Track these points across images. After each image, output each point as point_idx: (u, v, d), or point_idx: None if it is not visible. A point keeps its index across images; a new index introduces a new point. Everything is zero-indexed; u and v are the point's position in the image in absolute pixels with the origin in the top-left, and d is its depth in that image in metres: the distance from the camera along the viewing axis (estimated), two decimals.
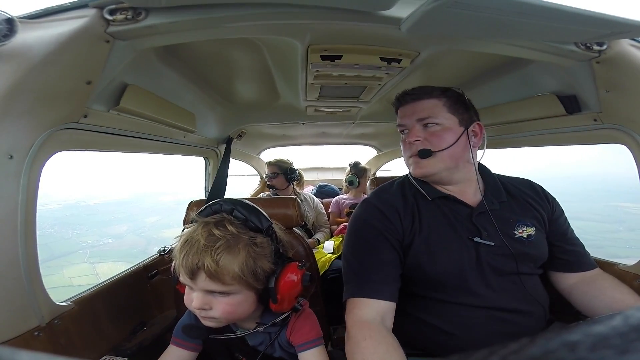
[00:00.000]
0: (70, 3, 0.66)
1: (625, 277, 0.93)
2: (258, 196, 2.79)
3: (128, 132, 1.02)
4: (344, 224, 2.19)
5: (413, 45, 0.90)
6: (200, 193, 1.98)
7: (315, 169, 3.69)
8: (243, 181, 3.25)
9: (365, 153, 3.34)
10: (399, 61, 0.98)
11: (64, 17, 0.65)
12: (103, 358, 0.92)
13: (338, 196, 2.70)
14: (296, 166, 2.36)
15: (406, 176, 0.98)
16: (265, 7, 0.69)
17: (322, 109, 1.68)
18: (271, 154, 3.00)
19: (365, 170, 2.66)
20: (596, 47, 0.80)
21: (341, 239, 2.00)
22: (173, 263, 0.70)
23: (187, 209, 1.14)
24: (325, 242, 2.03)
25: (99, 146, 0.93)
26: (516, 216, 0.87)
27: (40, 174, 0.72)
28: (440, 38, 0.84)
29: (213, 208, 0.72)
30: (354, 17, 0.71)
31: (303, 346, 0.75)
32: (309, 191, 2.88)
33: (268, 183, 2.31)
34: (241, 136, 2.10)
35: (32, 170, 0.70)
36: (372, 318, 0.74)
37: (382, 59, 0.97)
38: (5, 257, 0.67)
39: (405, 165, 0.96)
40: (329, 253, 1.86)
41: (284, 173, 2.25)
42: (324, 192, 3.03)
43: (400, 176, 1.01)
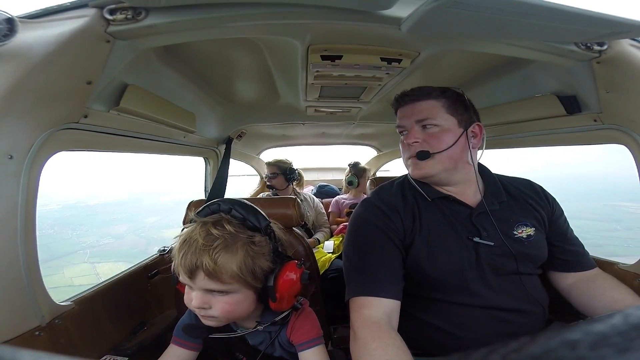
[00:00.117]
0: (70, 3, 0.66)
1: (625, 277, 0.93)
2: (258, 196, 2.79)
3: (128, 132, 1.02)
4: (344, 224, 2.19)
5: (413, 45, 0.90)
6: (200, 193, 1.98)
7: (315, 169, 3.68)
8: (243, 181, 3.25)
9: (365, 153, 3.34)
10: (399, 61, 0.98)
11: (64, 17, 0.65)
12: (103, 358, 0.92)
13: (338, 196, 2.70)
14: (296, 166, 2.36)
15: (406, 176, 0.97)
16: (265, 7, 0.69)
17: (322, 109, 1.68)
18: (271, 154, 3.00)
19: (364, 170, 2.66)
20: (596, 47, 0.80)
21: (341, 239, 2.00)
22: (173, 263, 0.71)
23: (187, 209, 1.14)
24: (325, 242, 2.03)
25: (99, 146, 0.93)
26: (516, 216, 0.87)
27: (40, 174, 0.72)
28: (440, 38, 0.84)
29: (211, 208, 0.72)
30: (354, 17, 0.71)
31: (303, 345, 0.75)
32: (309, 191, 2.88)
33: (268, 183, 2.32)
34: (241, 136, 2.10)
35: (32, 170, 0.70)
36: (380, 318, 0.73)
37: (382, 59, 0.97)
38: (5, 257, 0.67)
39: (404, 165, 0.96)
40: (329, 253, 1.86)
41: (284, 173, 2.26)
42: (324, 192, 3.03)
43: (399, 176, 1.00)
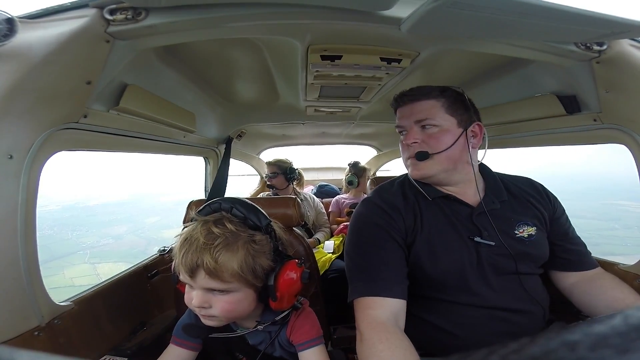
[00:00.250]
0: (70, 3, 0.66)
1: (625, 277, 0.92)
2: (258, 196, 2.79)
3: (128, 132, 1.02)
4: (344, 224, 2.19)
5: (413, 45, 0.90)
6: (199, 193, 1.98)
7: (315, 169, 3.68)
8: (243, 181, 3.25)
9: (365, 153, 3.34)
10: (399, 61, 0.98)
11: (64, 17, 0.65)
12: (103, 358, 0.92)
13: (338, 196, 2.70)
14: (296, 166, 2.36)
15: (406, 175, 0.96)
16: (265, 7, 0.69)
17: (322, 109, 1.68)
18: (271, 154, 3.00)
19: (364, 170, 2.66)
20: (596, 47, 0.80)
21: (341, 239, 2.00)
22: (173, 262, 0.71)
23: (187, 209, 1.14)
24: (325, 242, 2.03)
25: (99, 146, 0.93)
26: (517, 215, 0.86)
27: (40, 174, 0.72)
28: (440, 38, 0.84)
29: (212, 207, 0.72)
30: (354, 17, 0.71)
31: (303, 345, 0.75)
32: (309, 191, 2.88)
33: (268, 183, 2.32)
34: (241, 136, 2.10)
35: (32, 170, 0.70)
36: (387, 318, 0.72)
37: (382, 59, 0.97)
38: (5, 257, 0.67)
39: (404, 165, 0.96)
40: (329, 253, 1.86)
41: (284, 173, 2.26)
42: (324, 192, 3.03)
43: (400, 175, 1.00)
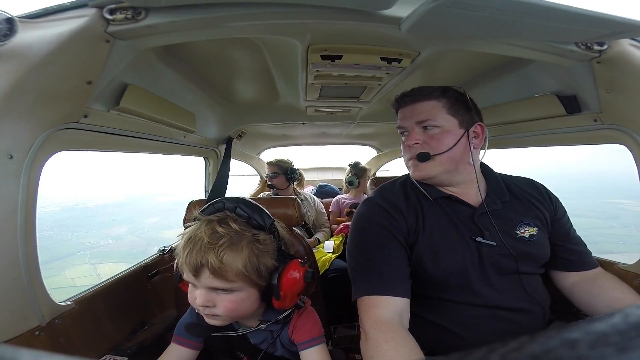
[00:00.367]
0: (70, 3, 0.66)
1: (625, 277, 0.92)
2: (258, 196, 2.79)
3: (128, 132, 1.02)
4: (344, 224, 2.19)
5: (413, 45, 0.90)
6: (199, 194, 1.98)
7: (315, 169, 3.68)
8: (243, 181, 3.25)
9: (365, 153, 3.34)
10: (399, 61, 0.98)
11: (64, 17, 0.65)
12: (103, 358, 0.92)
13: (338, 196, 2.70)
14: (296, 166, 2.36)
15: (408, 176, 0.96)
16: (265, 7, 0.69)
17: (322, 109, 1.68)
18: (271, 154, 3.00)
19: (365, 170, 2.65)
20: (596, 47, 0.79)
21: (341, 239, 2.00)
22: (175, 261, 0.71)
23: (187, 209, 1.14)
24: (325, 242, 2.03)
25: (99, 146, 0.93)
26: (518, 216, 0.86)
27: (40, 174, 0.72)
28: (440, 38, 0.84)
29: (216, 206, 0.72)
30: (354, 17, 0.71)
31: (305, 344, 0.75)
32: (309, 191, 2.88)
33: (268, 183, 2.31)
34: (241, 136, 2.10)
35: (32, 170, 0.70)
36: (391, 317, 0.72)
37: (382, 59, 0.97)
38: (5, 257, 0.67)
39: (405, 165, 0.96)
40: (329, 252, 1.86)
41: (285, 173, 2.26)
42: (324, 192, 3.03)
43: (401, 176, 1.00)
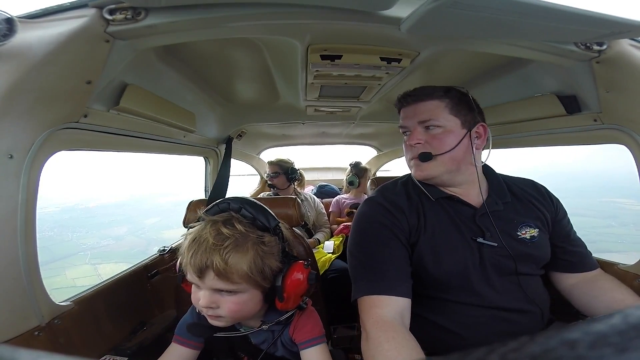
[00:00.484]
0: (70, 3, 0.66)
1: (625, 277, 0.93)
2: (258, 196, 2.79)
3: (128, 132, 1.02)
4: (345, 224, 2.19)
5: (413, 45, 0.90)
6: (199, 194, 1.98)
7: (315, 169, 3.68)
8: (243, 181, 3.25)
9: (365, 153, 3.34)
10: (399, 61, 0.98)
11: (64, 17, 0.65)
12: (103, 358, 0.92)
13: (339, 196, 2.69)
14: (296, 166, 2.36)
15: (409, 176, 0.96)
16: (265, 7, 0.69)
17: (322, 109, 1.68)
18: (271, 154, 3.00)
19: (365, 170, 2.65)
20: (596, 47, 0.79)
21: (341, 239, 2.00)
22: (178, 261, 0.70)
23: (187, 209, 1.14)
24: (325, 242, 2.03)
25: (99, 146, 0.94)
26: (520, 217, 0.86)
27: (40, 174, 0.72)
28: (440, 38, 0.84)
29: (220, 207, 0.71)
30: (354, 17, 0.71)
31: (305, 344, 0.75)
32: (309, 191, 2.88)
33: (269, 182, 2.31)
34: (241, 136, 2.10)
35: (32, 169, 0.70)
36: (392, 317, 0.72)
37: (382, 59, 0.97)
38: (5, 257, 0.67)
39: (406, 165, 0.95)
40: (329, 253, 1.86)
41: (285, 173, 2.26)
42: (324, 192, 3.03)
43: (403, 175, 1.00)
